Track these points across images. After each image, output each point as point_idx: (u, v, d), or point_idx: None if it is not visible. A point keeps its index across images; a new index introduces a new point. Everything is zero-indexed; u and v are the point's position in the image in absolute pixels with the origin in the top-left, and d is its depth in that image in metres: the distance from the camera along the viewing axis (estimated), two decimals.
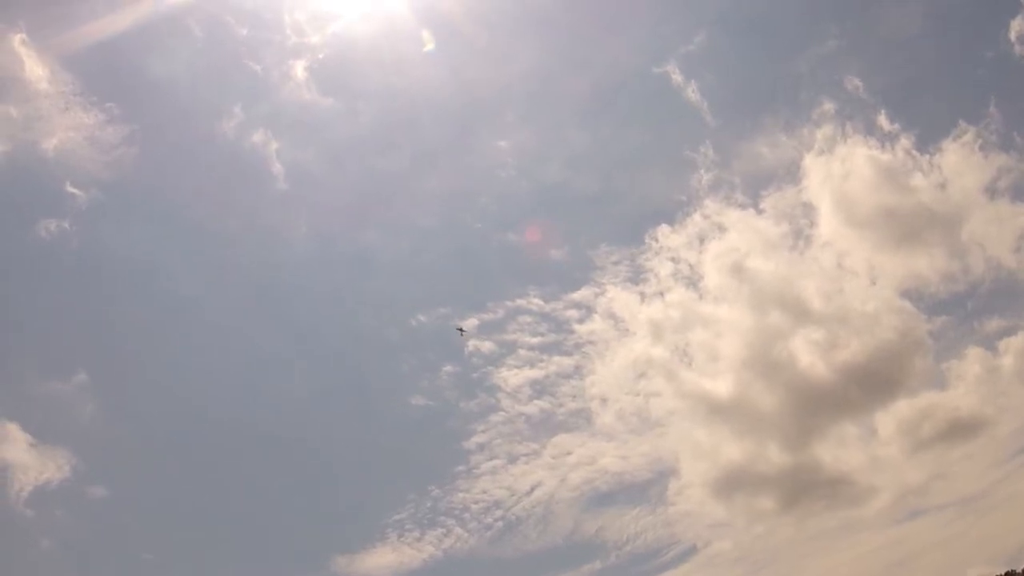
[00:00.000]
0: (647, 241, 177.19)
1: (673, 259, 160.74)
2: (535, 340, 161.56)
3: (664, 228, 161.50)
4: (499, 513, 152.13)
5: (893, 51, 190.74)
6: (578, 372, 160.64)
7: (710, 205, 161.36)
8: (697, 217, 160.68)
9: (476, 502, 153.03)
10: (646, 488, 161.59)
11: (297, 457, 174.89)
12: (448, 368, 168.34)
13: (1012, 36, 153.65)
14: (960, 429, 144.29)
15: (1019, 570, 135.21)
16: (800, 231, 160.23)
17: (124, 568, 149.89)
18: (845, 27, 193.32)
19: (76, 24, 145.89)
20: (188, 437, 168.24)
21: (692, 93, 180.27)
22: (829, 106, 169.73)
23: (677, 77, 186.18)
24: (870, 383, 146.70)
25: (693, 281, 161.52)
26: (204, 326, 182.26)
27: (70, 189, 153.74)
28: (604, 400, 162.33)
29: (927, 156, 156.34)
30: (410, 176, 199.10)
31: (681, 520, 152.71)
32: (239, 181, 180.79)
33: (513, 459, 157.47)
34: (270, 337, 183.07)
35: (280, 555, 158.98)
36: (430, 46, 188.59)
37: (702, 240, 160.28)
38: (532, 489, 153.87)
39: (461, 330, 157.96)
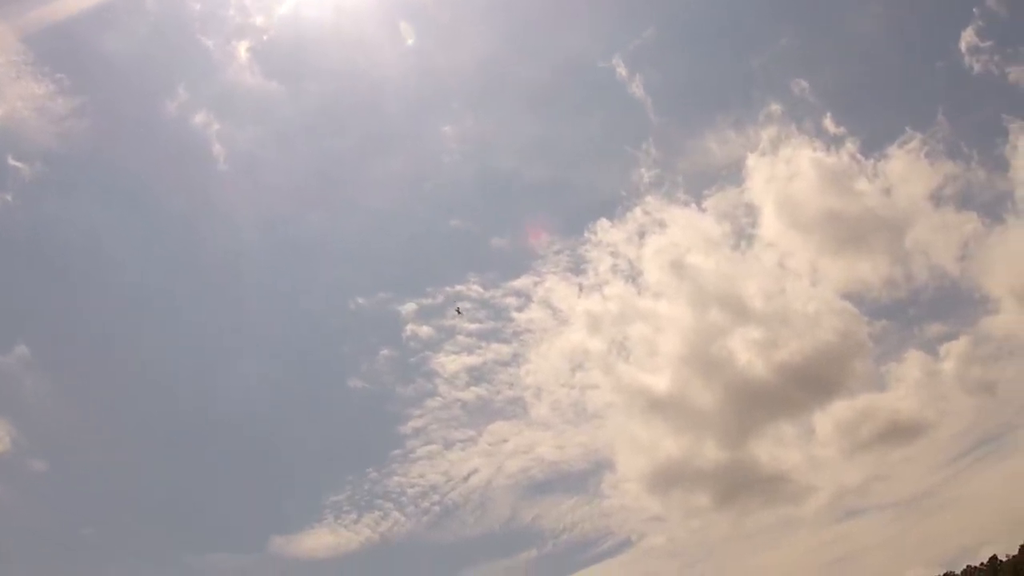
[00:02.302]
0: (586, 234, 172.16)
1: (612, 253, 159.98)
2: (473, 327, 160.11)
3: (604, 222, 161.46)
4: (436, 498, 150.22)
5: (844, 55, 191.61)
6: (516, 360, 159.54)
7: (651, 201, 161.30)
8: (638, 212, 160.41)
9: (413, 486, 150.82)
10: (583, 479, 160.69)
11: (236, 436, 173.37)
12: (386, 352, 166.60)
13: (963, 47, 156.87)
14: (899, 431, 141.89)
15: (958, 572, 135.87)
16: (742, 231, 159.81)
17: (64, 542, 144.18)
18: (798, 28, 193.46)
19: None
20: (129, 414, 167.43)
21: (636, 88, 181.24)
22: (776, 107, 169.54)
23: (622, 71, 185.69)
24: (809, 383, 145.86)
25: (632, 276, 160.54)
26: (146, 304, 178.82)
27: (13, 163, 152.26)
28: (540, 389, 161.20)
29: (872, 161, 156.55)
30: (354, 160, 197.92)
31: (617, 513, 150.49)
32: (181, 161, 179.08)
33: (449, 445, 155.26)
34: (211, 318, 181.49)
35: (218, 534, 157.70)
36: (379, 31, 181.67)
37: (642, 235, 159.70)
38: (469, 475, 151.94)
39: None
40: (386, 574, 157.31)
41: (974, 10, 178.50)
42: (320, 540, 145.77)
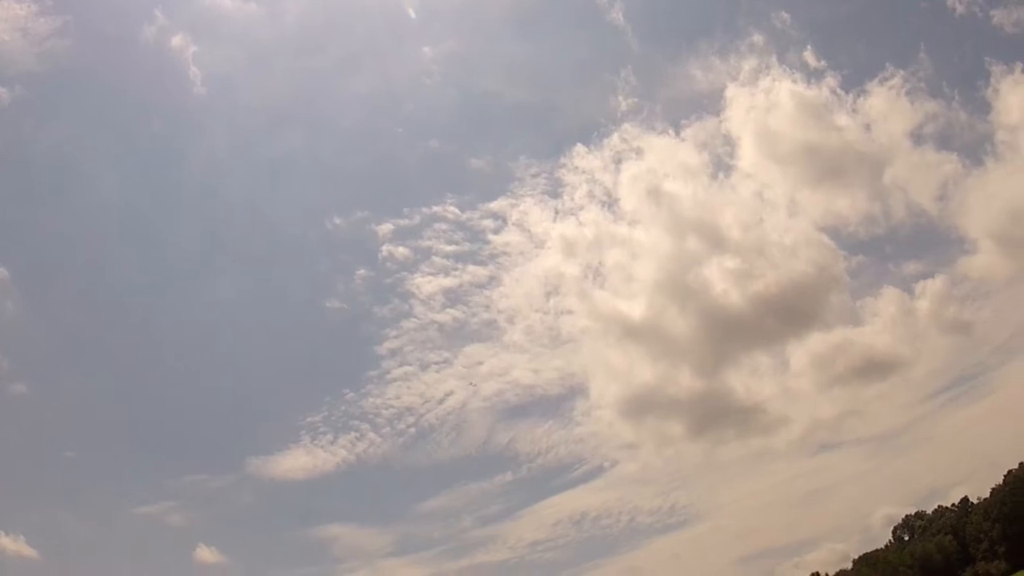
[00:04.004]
0: (563, 159, 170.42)
1: (589, 179, 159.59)
2: (450, 248, 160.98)
3: (580, 148, 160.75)
4: (411, 419, 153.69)
5: None
6: (492, 283, 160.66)
7: (629, 129, 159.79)
8: (615, 139, 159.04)
9: (388, 407, 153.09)
10: (557, 404, 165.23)
11: (212, 357, 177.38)
12: (362, 272, 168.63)
13: None
14: (874, 367, 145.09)
15: (929, 512, 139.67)
16: (720, 161, 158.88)
17: (46, 465, 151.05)
18: None
19: None
20: (108, 336, 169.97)
21: (617, 15, 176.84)
22: (758, 38, 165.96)
23: None
24: (784, 315, 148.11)
25: (608, 202, 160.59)
26: (124, 225, 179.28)
27: None
28: (515, 313, 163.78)
29: (852, 96, 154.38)
30: (332, 81, 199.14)
31: (590, 439, 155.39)
32: (159, 83, 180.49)
33: (425, 366, 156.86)
34: (189, 239, 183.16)
35: (195, 455, 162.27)
36: None
37: (619, 162, 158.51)
38: (444, 397, 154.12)
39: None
40: (362, 495, 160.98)
41: None
42: (296, 461, 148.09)
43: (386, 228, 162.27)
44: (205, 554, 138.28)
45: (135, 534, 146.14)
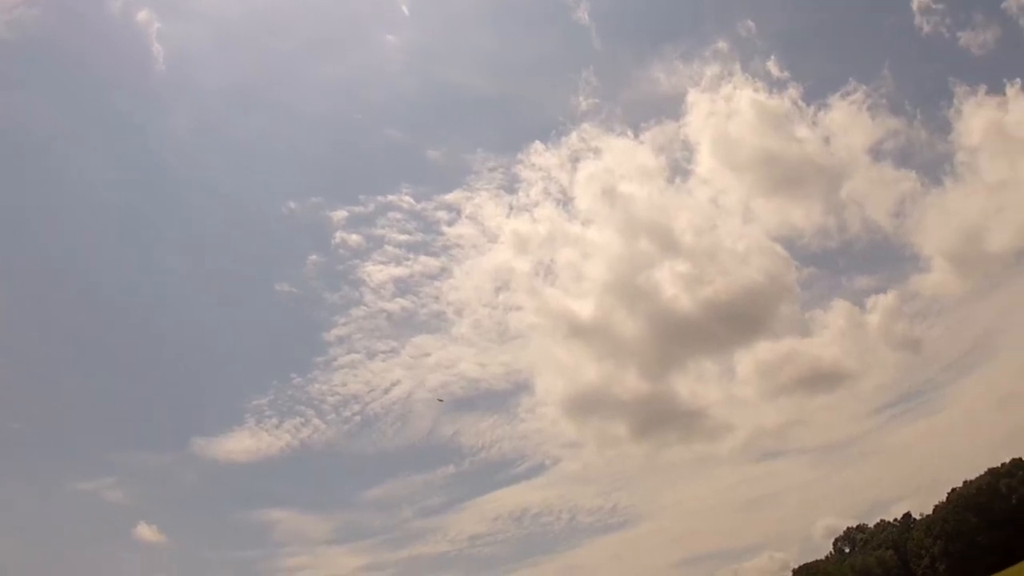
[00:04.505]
0: (520, 155, 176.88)
1: (545, 177, 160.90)
2: (403, 238, 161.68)
3: (538, 145, 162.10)
4: (357, 407, 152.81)
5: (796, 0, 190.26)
6: (443, 274, 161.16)
7: (588, 128, 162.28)
8: (574, 138, 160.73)
9: (334, 394, 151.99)
10: (503, 399, 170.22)
11: (161, 334, 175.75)
12: (314, 257, 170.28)
13: (915, 5, 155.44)
14: (821, 379, 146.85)
15: (871, 525, 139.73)
16: (678, 165, 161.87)
17: None
18: None
19: None
20: (56, 308, 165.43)
21: (582, 14, 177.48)
22: (723, 45, 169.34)
23: None
24: (733, 322, 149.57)
25: (563, 201, 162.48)
26: (77, 197, 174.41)
27: None
28: (465, 306, 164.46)
29: (814, 108, 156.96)
30: (295, 64, 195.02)
31: (534, 435, 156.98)
32: (123, 58, 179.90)
33: (372, 355, 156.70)
34: (143, 215, 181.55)
35: (140, 432, 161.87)
36: None
37: (576, 161, 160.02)
38: (391, 387, 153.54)
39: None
40: (305, 481, 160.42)
41: None
42: (241, 443, 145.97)
43: (340, 214, 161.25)
44: (145, 532, 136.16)
45: (75, 508, 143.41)
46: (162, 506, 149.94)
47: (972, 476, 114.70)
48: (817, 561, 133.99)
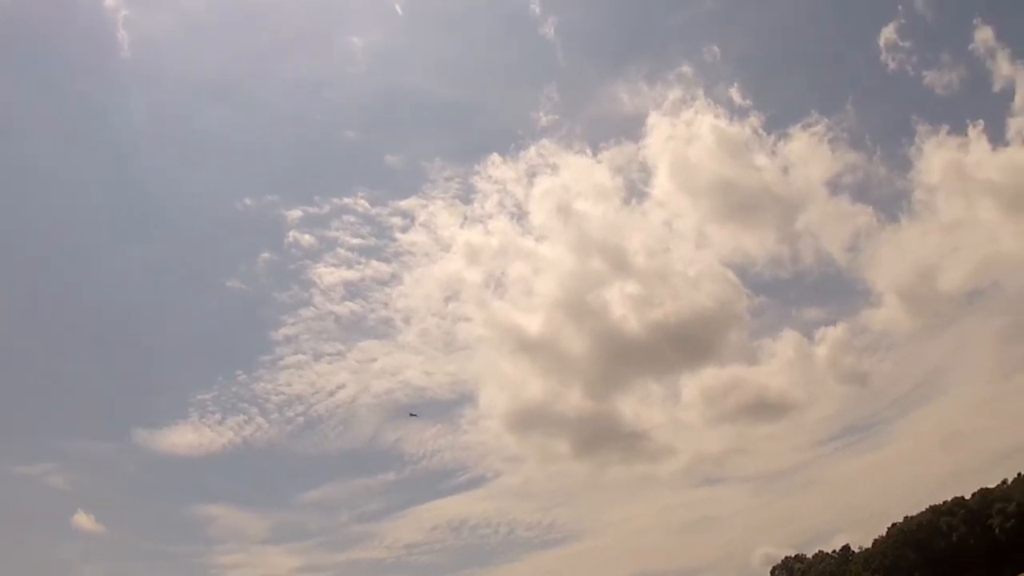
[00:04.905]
0: (478, 166, 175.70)
1: (500, 189, 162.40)
2: (356, 241, 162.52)
3: (496, 157, 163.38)
4: (301, 408, 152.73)
5: (764, 29, 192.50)
6: (394, 280, 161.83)
7: (547, 144, 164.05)
8: (532, 153, 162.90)
9: (279, 394, 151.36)
10: (446, 409, 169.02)
11: (109, 322, 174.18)
12: (266, 256, 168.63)
13: (882, 42, 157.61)
14: (766, 408, 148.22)
15: (810, 556, 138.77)
16: (634, 186, 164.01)
17: None
18: None
19: None
20: (4, 295, 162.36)
21: (548, 29, 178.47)
22: (687, 69, 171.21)
23: (536, 9, 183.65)
24: (681, 346, 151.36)
25: (518, 215, 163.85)
26: (34, 181, 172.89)
27: None
28: (414, 313, 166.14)
29: (774, 138, 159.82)
30: (258, 59, 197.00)
31: (476, 447, 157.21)
32: (88, 43, 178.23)
33: (318, 357, 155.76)
34: (98, 202, 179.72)
35: (83, 420, 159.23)
36: None
37: (532, 176, 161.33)
38: (336, 390, 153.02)
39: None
40: (245, 479, 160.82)
41: (899, 7, 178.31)
42: (183, 437, 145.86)
43: (295, 214, 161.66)
44: (83, 520, 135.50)
45: (15, 492, 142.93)
46: (101, 495, 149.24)
47: (913, 512, 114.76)
48: None
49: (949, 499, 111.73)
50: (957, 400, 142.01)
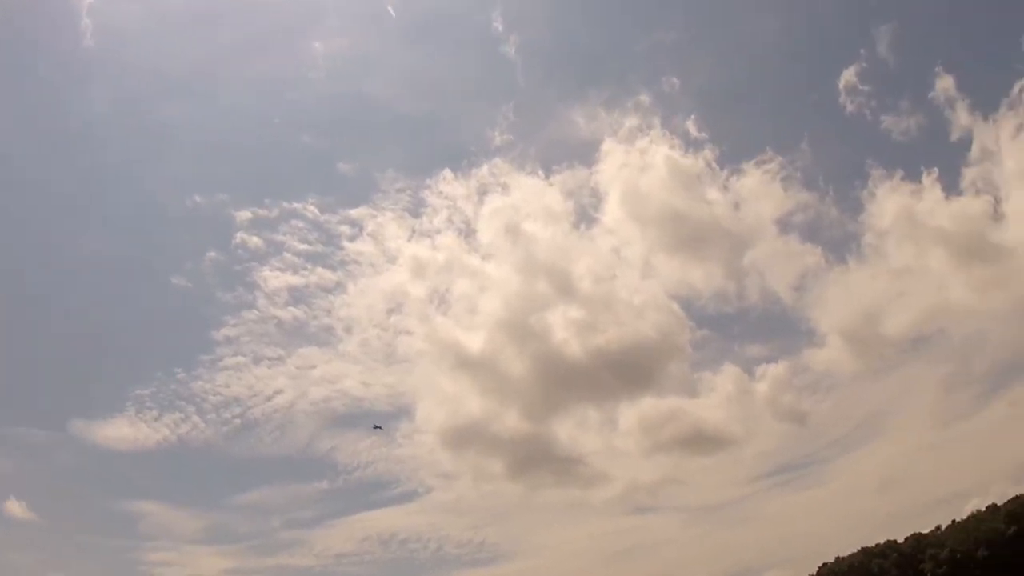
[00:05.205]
0: (429, 180, 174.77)
1: (450, 205, 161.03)
2: (303, 247, 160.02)
3: (448, 173, 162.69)
4: (237, 410, 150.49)
5: (725, 63, 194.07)
6: (338, 289, 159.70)
7: (500, 164, 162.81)
8: (484, 171, 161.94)
9: (216, 394, 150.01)
10: (383, 421, 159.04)
11: (51, 311, 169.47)
12: (212, 255, 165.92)
13: (841, 84, 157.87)
14: (703, 440, 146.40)
15: None
16: (585, 211, 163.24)
17: None
18: (690, 24, 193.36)
19: None
20: None
21: (509, 48, 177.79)
22: (645, 98, 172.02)
23: (498, 27, 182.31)
24: (621, 374, 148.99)
25: (466, 232, 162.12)
26: None
27: None
28: (355, 323, 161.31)
29: (727, 172, 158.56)
30: (222, 56, 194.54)
31: (410, 461, 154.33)
32: (50, 28, 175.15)
33: (258, 360, 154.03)
34: (49, 189, 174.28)
35: (20, 407, 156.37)
36: None
37: (483, 194, 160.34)
38: (273, 394, 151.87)
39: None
40: (179, 477, 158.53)
41: (861, 51, 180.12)
42: (119, 430, 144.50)
43: (244, 215, 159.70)
44: (14, 508, 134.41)
45: None
46: (34, 483, 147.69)
47: (845, 553, 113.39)
48: None
49: (882, 541, 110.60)
50: (896, 444, 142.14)
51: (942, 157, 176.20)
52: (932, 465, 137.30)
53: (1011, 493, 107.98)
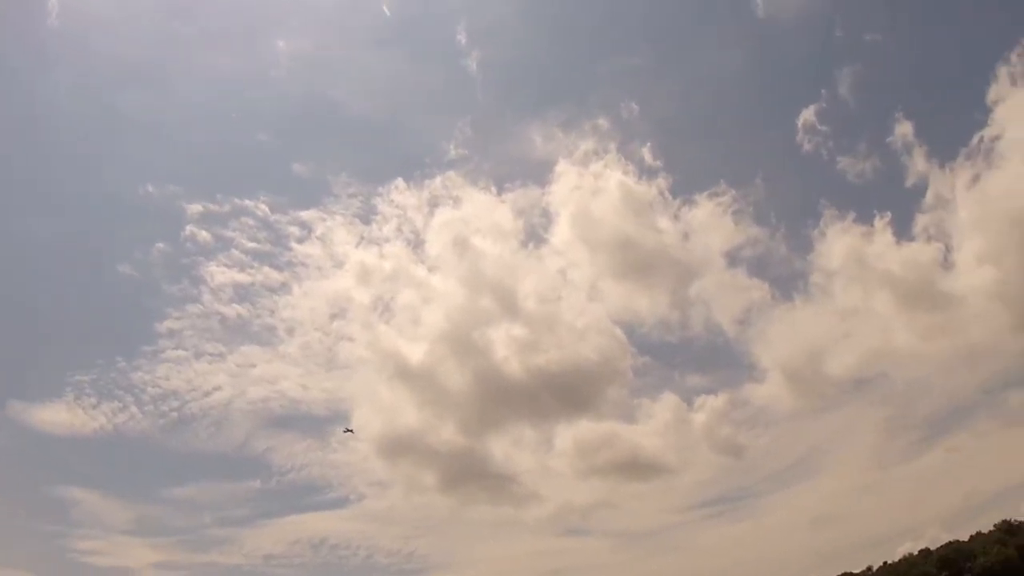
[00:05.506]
0: (381, 189, 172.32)
1: (400, 215, 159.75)
2: (251, 245, 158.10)
3: (400, 182, 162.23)
4: (175, 404, 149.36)
5: (686, 93, 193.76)
6: (283, 289, 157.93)
7: (453, 177, 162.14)
8: (437, 183, 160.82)
9: (155, 386, 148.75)
10: (320, 425, 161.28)
11: None
12: (161, 246, 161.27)
13: (800, 123, 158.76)
14: (638, 466, 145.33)
15: None
16: (534, 230, 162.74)
17: None
18: (655, 52, 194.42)
19: None
20: None
21: (472, 63, 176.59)
22: (603, 122, 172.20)
23: (462, 40, 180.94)
24: (560, 395, 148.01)
25: (415, 243, 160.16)
26: None
27: None
28: (298, 325, 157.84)
29: (679, 202, 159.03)
30: (187, 48, 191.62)
31: (344, 467, 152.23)
32: (15, 4, 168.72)
33: (199, 355, 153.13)
34: (3, 168, 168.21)
35: None
36: None
37: (434, 206, 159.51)
38: (212, 391, 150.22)
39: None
40: (113, 467, 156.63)
41: (823, 90, 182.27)
42: (57, 415, 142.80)
43: (195, 208, 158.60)
44: None
45: None
46: None
47: None
48: None
49: None
50: (832, 483, 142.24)
51: (896, 202, 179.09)
52: (867, 506, 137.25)
53: (944, 539, 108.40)
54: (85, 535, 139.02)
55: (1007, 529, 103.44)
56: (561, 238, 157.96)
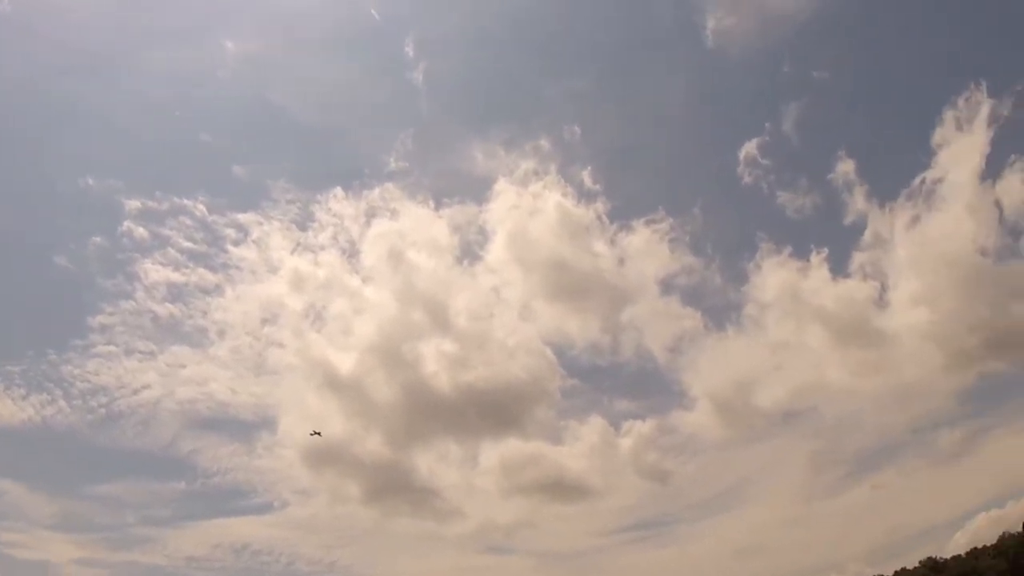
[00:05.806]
0: (320, 197, 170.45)
1: (337, 224, 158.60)
2: (187, 244, 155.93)
3: (339, 191, 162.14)
4: (104, 400, 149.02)
5: (630, 119, 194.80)
6: (216, 291, 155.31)
7: (391, 189, 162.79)
8: (375, 194, 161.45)
9: (85, 381, 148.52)
10: (247, 429, 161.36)
11: None
12: (97, 240, 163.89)
13: (741, 155, 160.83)
14: (563, 488, 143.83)
15: None
16: (469, 247, 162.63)
17: None
18: (601, 75, 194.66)
19: None
20: None
21: (417, 75, 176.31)
22: (545, 143, 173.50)
23: (410, 53, 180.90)
24: (487, 412, 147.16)
25: (350, 252, 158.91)
26: None
27: None
28: (229, 328, 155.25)
29: (616, 227, 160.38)
30: (137, 42, 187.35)
31: (268, 473, 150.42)
32: None
33: (130, 352, 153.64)
34: None
35: None
36: None
37: (371, 217, 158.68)
38: (141, 389, 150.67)
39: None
40: (39, 459, 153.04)
41: (767, 124, 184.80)
42: None
43: (134, 204, 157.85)
44: None
45: None
46: None
47: None
48: None
49: None
50: (757, 514, 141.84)
51: (834, 239, 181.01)
52: (791, 539, 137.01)
53: (868, 574, 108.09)
54: (7, 527, 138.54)
55: (932, 566, 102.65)
56: (496, 256, 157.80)
